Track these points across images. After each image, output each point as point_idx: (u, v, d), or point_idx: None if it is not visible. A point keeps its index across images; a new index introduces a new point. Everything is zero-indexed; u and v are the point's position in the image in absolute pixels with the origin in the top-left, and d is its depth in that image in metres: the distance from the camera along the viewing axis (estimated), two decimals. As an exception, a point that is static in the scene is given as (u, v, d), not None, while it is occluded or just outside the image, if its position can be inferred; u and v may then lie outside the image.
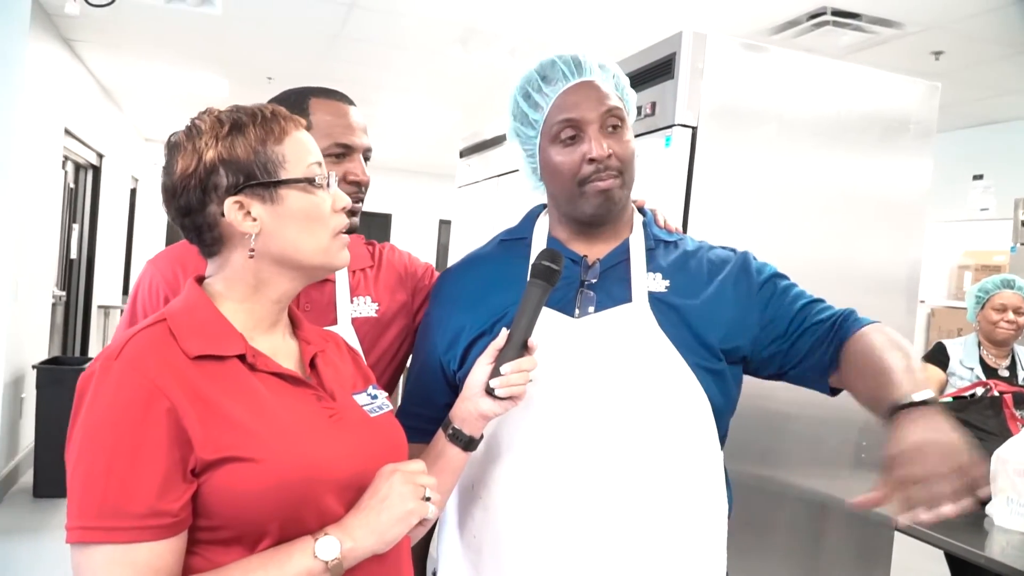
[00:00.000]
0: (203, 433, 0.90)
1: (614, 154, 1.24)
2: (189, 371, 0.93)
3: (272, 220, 1.01)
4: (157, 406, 0.88)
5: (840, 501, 2.05)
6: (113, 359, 0.91)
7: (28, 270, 4.70)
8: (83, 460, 0.87)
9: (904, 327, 2.10)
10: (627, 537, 1.19)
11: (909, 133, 2.11)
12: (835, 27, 3.72)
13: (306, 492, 0.93)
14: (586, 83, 1.26)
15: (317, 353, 1.10)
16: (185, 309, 1.00)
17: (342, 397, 1.07)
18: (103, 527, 0.85)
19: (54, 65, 5.00)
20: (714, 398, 1.25)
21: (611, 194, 1.25)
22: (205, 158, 0.99)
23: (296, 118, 1.06)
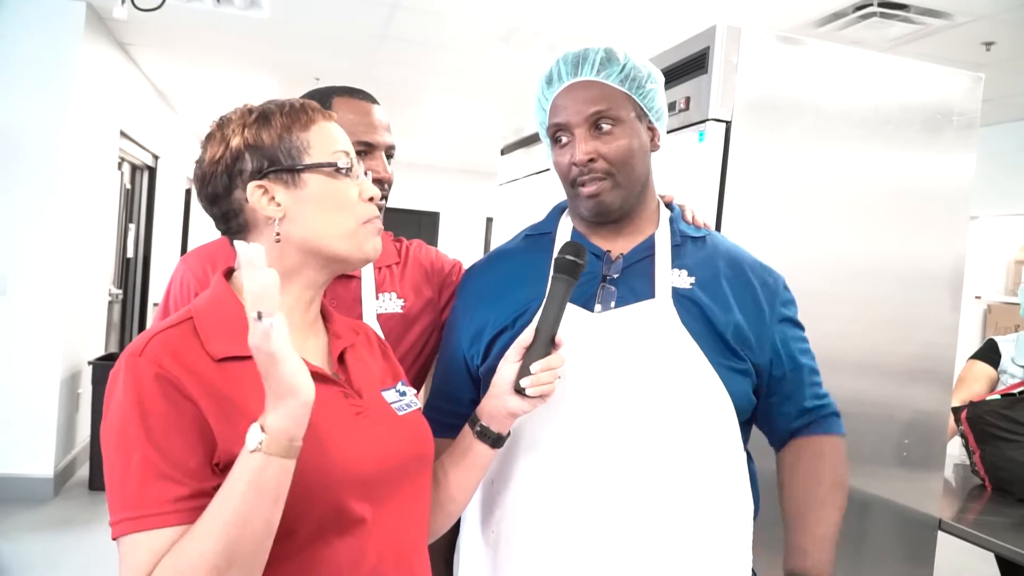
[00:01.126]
0: (225, 430, 0.90)
1: (601, 157, 1.23)
2: (211, 372, 0.93)
3: (295, 205, 1.02)
4: (181, 401, 0.89)
5: (883, 500, 2.02)
6: (137, 356, 0.92)
7: (85, 269, 4.86)
8: (116, 453, 0.89)
9: (948, 324, 2.06)
10: (646, 535, 1.19)
11: (952, 125, 2.06)
12: (882, 19, 3.64)
13: (327, 490, 0.93)
14: (581, 84, 1.25)
15: (347, 348, 1.10)
16: (211, 305, 1.01)
17: (370, 394, 1.07)
18: (134, 516, 0.86)
19: (109, 69, 5.14)
20: (738, 397, 1.24)
21: (601, 198, 1.25)
22: (232, 144, 1.02)
23: (326, 111, 1.07)
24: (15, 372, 4.38)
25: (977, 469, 2.56)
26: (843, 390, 1.95)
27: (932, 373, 2.05)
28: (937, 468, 2.06)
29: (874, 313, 2.00)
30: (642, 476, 1.19)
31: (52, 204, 4.42)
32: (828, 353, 1.93)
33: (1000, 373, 2.83)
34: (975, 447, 2.54)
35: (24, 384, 4.39)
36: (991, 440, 2.48)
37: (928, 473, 2.05)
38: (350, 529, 0.96)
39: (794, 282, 1.85)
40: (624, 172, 1.25)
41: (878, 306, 2.00)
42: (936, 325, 2.06)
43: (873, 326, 2.00)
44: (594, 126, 1.24)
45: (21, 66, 4.35)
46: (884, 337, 2.01)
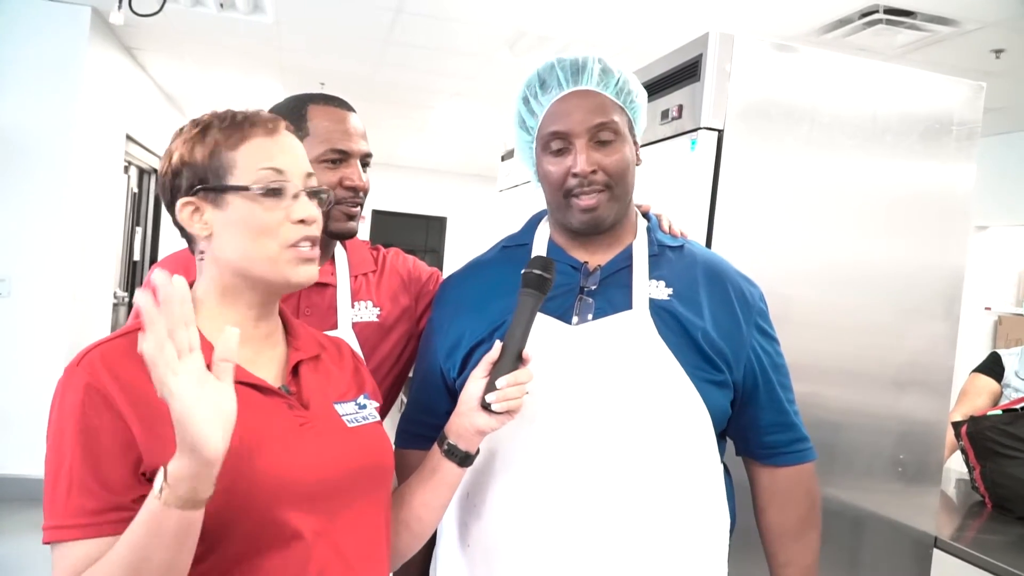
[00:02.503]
0: (148, 439, 0.90)
1: (601, 169, 1.21)
2: (144, 381, 0.89)
3: (220, 226, 1.00)
4: (104, 408, 0.89)
5: (877, 516, 1.98)
6: (75, 366, 0.93)
7: (91, 271, 4.88)
8: (50, 465, 0.90)
9: (946, 335, 2.02)
10: (623, 548, 1.17)
11: (952, 135, 2.02)
12: (888, 26, 3.60)
13: (257, 501, 0.91)
14: (581, 92, 1.23)
15: (303, 360, 1.08)
16: None
17: (319, 406, 1.05)
18: (68, 525, 0.87)
19: (115, 73, 5.16)
20: (715, 409, 1.21)
21: (597, 211, 1.22)
22: (173, 159, 1.02)
23: (271, 122, 1.03)
24: (19, 373, 4.39)
25: (977, 486, 2.52)
26: (838, 402, 1.94)
27: (928, 385, 2.01)
28: (933, 483, 2.02)
29: (869, 324, 1.96)
30: (619, 489, 1.17)
31: (58, 207, 4.44)
32: (822, 364, 1.91)
33: (1003, 387, 2.78)
34: (975, 463, 2.49)
35: (28, 385, 4.40)
36: (992, 456, 2.43)
37: (924, 488, 2.00)
38: (288, 543, 0.94)
39: (787, 291, 1.84)
40: (621, 185, 1.24)
41: (873, 316, 1.96)
42: (933, 336, 2.02)
43: (868, 337, 1.96)
44: (594, 138, 1.22)
45: (28, 70, 4.38)
46: (879, 348, 1.97)
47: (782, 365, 1.34)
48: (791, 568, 1.33)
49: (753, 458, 1.36)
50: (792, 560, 1.33)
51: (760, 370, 1.28)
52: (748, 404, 1.29)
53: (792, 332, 1.83)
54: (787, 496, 1.34)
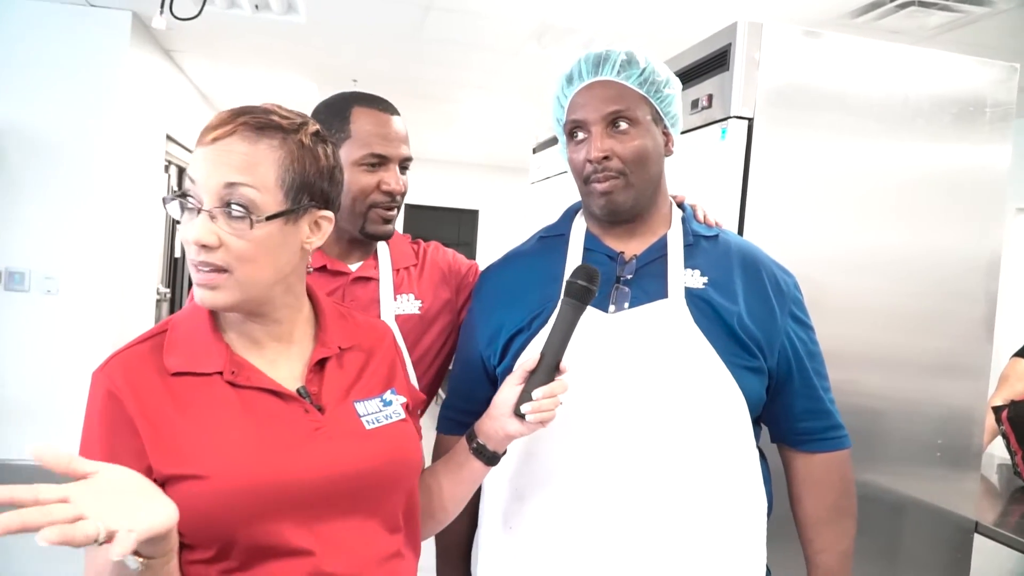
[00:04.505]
0: (155, 450, 0.93)
1: (615, 155, 1.24)
2: (160, 388, 0.96)
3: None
4: (119, 416, 0.94)
5: (916, 501, 1.98)
6: (99, 372, 0.97)
7: (133, 269, 5.01)
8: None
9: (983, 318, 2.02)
10: (664, 530, 1.20)
11: (985, 117, 2.01)
12: (921, 7, 3.56)
13: (261, 505, 0.93)
14: (599, 83, 1.26)
15: (329, 358, 1.08)
16: (186, 319, 1.04)
17: (337, 408, 1.05)
18: None
19: (155, 74, 5.27)
20: (751, 394, 1.24)
21: (613, 197, 1.25)
22: None
23: (218, 127, 0.97)
24: (66, 370, 4.52)
25: (1019, 471, 2.51)
26: (875, 388, 1.95)
27: (966, 369, 2.01)
28: (973, 468, 2.02)
29: (905, 309, 1.97)
30: (658, 473, 1.20)
31: (100, 207, 4.56)
32: (858, 350, 1.92)
33: (1044, 371, 2.76)
34: (1017, 448, 2.48)
35: (74, 381, 4.51)
36: (1032, 439, 2.42)
37: (963, 473, 2.01)
38: (293, 553, 0.95)
39: (821, 278, 1.86)
40: (637, 172, 1.26)
41: (909, 302, 1.97)
42: (971, 320, 2.02)
43: (904, 322, 1.97)
44: (611, 125, 1.25)
45: (71, 74, 4.50)
46: (916, 333, 1.98)
47: (817, 353, 1.36)
48: (826, 554, 1.35)
49: (788, 444, 1.38)
50: (827, 546, 1.35)
51: (794, 357, 1.30)
52: (782, 390, 1.31)
53: (827, 319, 1.83)
54: (822, 483, 1.36)
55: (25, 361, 4.49)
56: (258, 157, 0.96)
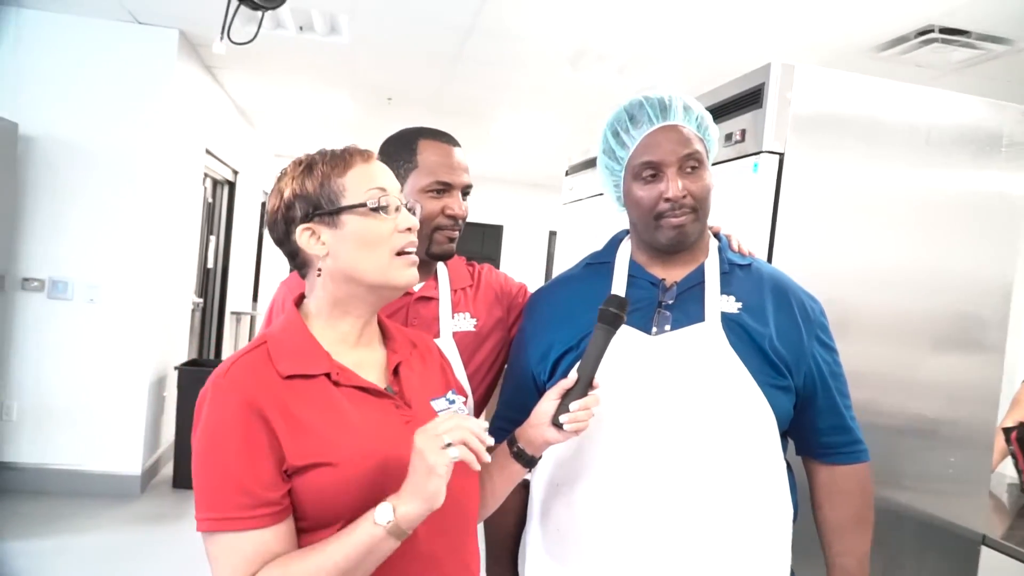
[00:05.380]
0: (291, 443, 1.07)
1: (690, 193, 1.37)
2: (281, 389, 1.09)
3: (336, 243, 1.17)
4: (254, 419, 1.06)
5: (928, 515, 2.10)
6: (222, 378, 1.09)
7: (172, 279, 5.18)
8: (203, 463, 1.07)
9: (996, 344, 2.13)
10: (696, 535, 1.32)
11: (1001, 155, 2.13)
12: (944, 44, 3.68)
13: (378, 488, 1.07)
14: (669, 127, 1.39)
15: (401, 362, 1.25)
16: (282, 331, 1.18)
17: (418, 403, 1.22)
18: (219, 517, 1.04)
19: (197, 90, 5.46)
20: (779, 411, 1.37)
21: (684, 229, 1.38)
22: (285, 195, 1.19)
23: (366, 152, 1.21)
24: (106, 376, 4.69)
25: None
26: (892, 407, 2.06)
27: (979, 391, 2.12)
28: (982, 485, 2.13)
29: (923, 332, 2.09)
30: (693, 482, 1.33)
31: (142, 217, 4.73)
32: (880, 371, 2.04)
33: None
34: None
35: (114, 387, 4.70)
36: (1042, 461, 2.52)
37: (973, 489, 2.12)
38: None
39: (846, 303, 1.98)
40: (704, 207, 1.41)
41: (927, 326, 2.09)
42: (983, 344, 2.13)
43: (922, 345, 2.09)
44: (683, 166, 1.38)
45: (118, 90, 4.68)
46: (933, 355, 2.09)
47: (840, 374, 1.48)
48: (846, 557, 1.47)
49: (812, 457, 1.50)
50: (847, 550, 1.48)
51: (819, 377, 1.43)
52: (808, 407, 1.44)
53: (851, 341, 1.97)
54: (843, 493, 1.48)
55: (68, 368, 4.65)
56: None
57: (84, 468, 4.66)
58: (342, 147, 1.22)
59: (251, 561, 1.04)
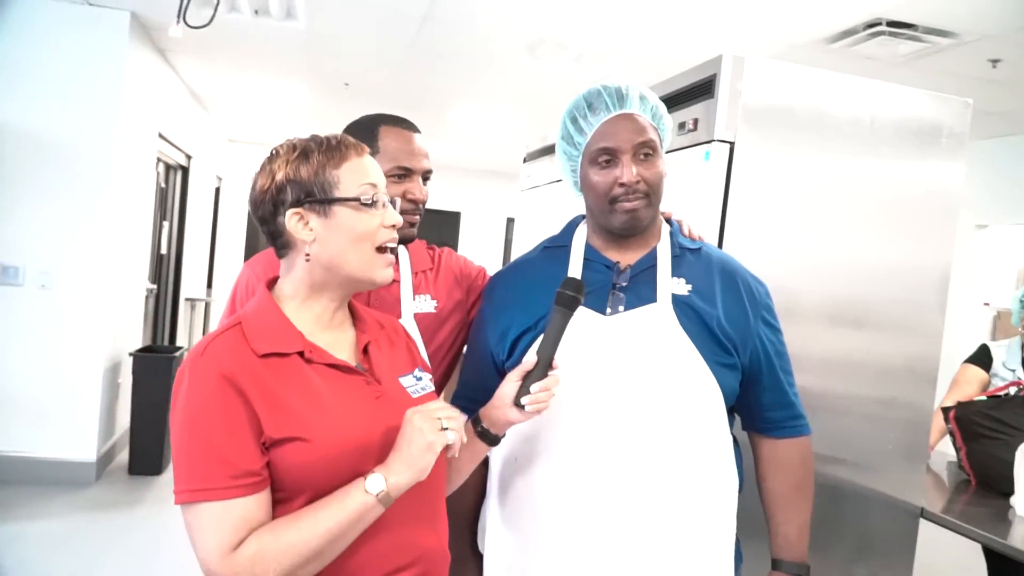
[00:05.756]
0: (268, 417, 1.11)
1: (643, 179, 1.43)
2: (257, 366, 1.13)
3: (324, 231, 1.21)
4: (232, 394, 1.10)
5: (869, 490, 2.19)
6: (199, 355, 1.13)
7: (125, 265, 5.11)
8: (181, 436, 1.10)
9: (935, 328, 2.23)
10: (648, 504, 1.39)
11: (942, 145, 2.23)
12: (891, 37, 3.80)
13: (351, 461, 1.13)
14: (625, 115, 1.45)
15: (370, 341, 1.30)
16: (256, 312, 1.21)
17: (388, 380, 1.27)
18: (200, 488, 1.07)
19: (150, 74, 5.39)
20: (726, 388, 1.44)
21: (637, 213, 1.44)
22: (277, 178, 1.22)
23: (359, 146, 1.25)
24: (60, 363, 4.63)
25: (963, 466, 2.74)
26: (837, 388, 2.15)
27: (918, 373, 2.22)
28: (920, 461, 2.24)
29: (866, 318, 2.17)
30: (644, 453, 1.39)
31: (96, 204, 4.66)
32: (823, 354, 2.13)
33: (991, 376, 2.99)
34: (962, 445, 2.71)
35: (68, 373, 4.65)
36: (977, 439, 2.65)
37: (912, 466, 2.23)
38: None
39: (792, 289, 2.06)
40: (656, 193, 1.47)
41: (870, 311, 2.18)
42: (924, 328, 2.23)
43: (865, 330, 2.18)
44: (637, 153, 1.44)
45: (69, 73, 4.60)
46: (876, 340, 2.19)
47: (784, 353, 1.56)
48: (787, 526, 1.55)
49: (757, 431, 1.58)
50: (788, 519, 1.56)
51: (764, 356, 1.50)
52: (753, 384, 1.51)
53: (797, 326, 2.06)
54: (785, 465, 1.56)
55: (21, 354, 4.59)
56: None
57: (38, 455, 4.60)
58: (338, 137, 1.25)
59: (238, 528, 1.07)
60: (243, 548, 1.07)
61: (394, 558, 1.18)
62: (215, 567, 1.07)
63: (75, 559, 3.65)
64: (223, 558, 1.06)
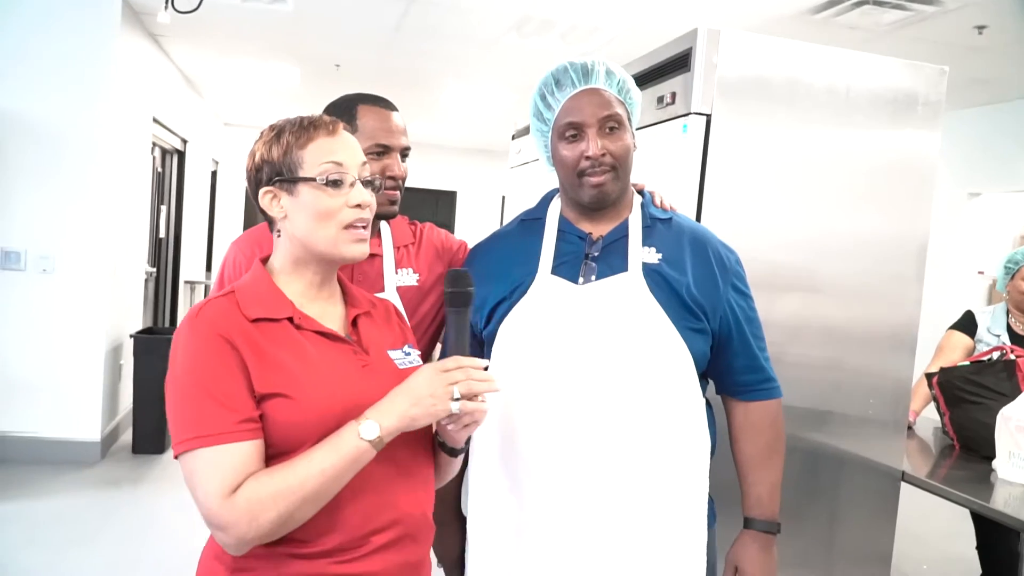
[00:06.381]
0: (258, 371, 1.15)
1: (609, 152, 1.46)
2: (248, 328, 1.18)
3: (293, 210, 1.25)
4: (226, 348, 1.15)
5: (851, 455, 2.24)
6: (194, 317, 1.19)
7: (125, 249, 5.17)
8: (179, 390, 1.14)
9: (914, 295, 2.27)
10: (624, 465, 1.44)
11: (917, 113, 2.25)
12: (875, 6, 3.81)
13: (335, 423, 1.16)
14: (591, 90, 1.49)
15: (360, 315, 1.33)
16: (250, 283, 1.26)
17: (376, 352, 1.30)
18: (201, 435, 1.11)
19: (142, 59, 5.41)
20: (696, 353, 1.48)
21: (604, 187, 1.48)
22: (255, 158, 1.27)
23: (333, 125, 1.27)
24: (62, 345, 4.71)
25: (947, 430, 2.79)
26: (817, 355, 2.19)
27: (897, 340, 2.26)
28: (900, 426, 2.29)
29: (846, 285, 2.21)
30: (619, 417, 1.44)
31: (93, 188, 4.71)
32: (802, 323, 2.17)
33: (976, 342, 3.04)
34: (945, 409, 2.76)
35: (71, 355, 4.72)
36: (960, 403, 2.70)
37: (892, 430, 2.27)
38: None
39: (768, 257, 2.10)
40: (623, 167, 1.50)
41: (850, 279, 2.21)
42: (902, 296, 2.27)
43: (846, 298, 2.21)
44: (603, 127, 1.47)
45: (62, 60, 4.62)
46: (855, 308, 2.22)
47: (754, 319, 1.60)
48: (759, 486, 1.60)
49: (729, 395, 1.63)
50: (760, 480, 1.60)
51: (734, 321, 1.54)
52: (724, 349, 1.55)
53: (775, 296, 2.10)
54: (756, 427, 1.61)
55: (22, 338, 4.66)
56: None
57: (43, 435, 4.68)
58: (311, 117, 1.28)
59: (237, 472, 1.10)
60: (241, 491, 1.09)
61: (375, 517, 1.21)
62: (216, 510, 1.09)
63: (80, 535, 3.72)
64: (223, 501, 1.09)
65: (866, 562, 2.29)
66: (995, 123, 5.91)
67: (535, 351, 1.47)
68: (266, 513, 1.09)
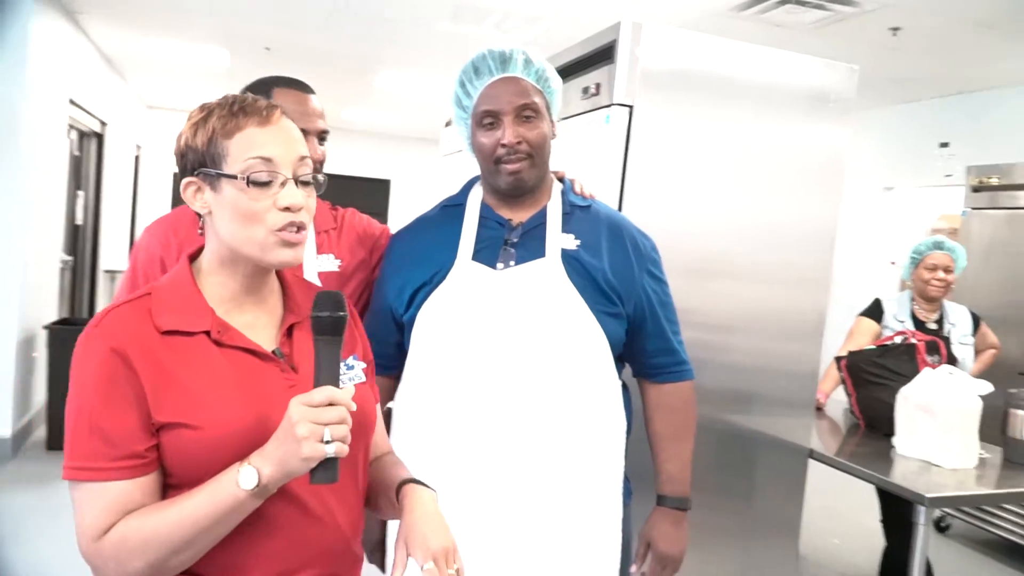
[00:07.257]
0: (158, 397, 1.02)
1: (525, 140, 1.50)
2: (155, 343, 1.04)
3: (216, 207, 1.09)
4: (120, 369, 1.01)
5: (762, 434, 2.34)
6: (93, 328, 1.05)
7: (37, 236, 4.96)
8: (68, 411, 1.03)
9: (822, 282, 2.37)
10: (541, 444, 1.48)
11: (829, 109, 2.35)
12: (797, 5, 3.93)
13: (245, 452, 1.01)
14: (508, 78, 1.51)
15: (297, 323, 1.16)
16: (169, 285, 1.12)
17: (308, 367, 1.08)
18: (78, 467, 1.01)
19: (58, 37, 5.20)
20: (612, 336, 1.53)
21: (521, 175, 1.51)
22: (181, 141, 1.11)
23: (268, 110, 1.09)
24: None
25: (854, 410, 2.92)
26: (730, 340, 2.28)
27: (806, 325, 2.37)
28: (807, 406, 2.40)
29: (761, 273, 2.30)
30: (535, 397, 1.48)
31: (7, 174, 4.51)
32: (716, 308, 2.25)
33: (883, 328, 3.18)
34: (852, 391, 2.90)
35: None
36: (865, 385, 2.84)
37: (800, 410, 2.39)
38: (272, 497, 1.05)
39: (686, 244, 2.17)
40: (540, 154, 1.53)
41: (764, 267, 2.30)
42: (814, 283, 2.37)
43: (760, 284, 2.30)
44: (519, 115, 1.50)
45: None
46: (770, 293, 2.32)
47: (669, 304, 1.66)
48: (671, 463, 1.67)
49: (643, 377, 1.68)
50: (672, 457, 1.67)
51: (648, 306, 1.59)
52: (639, 333, 1.61)
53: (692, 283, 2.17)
54: (669, 407, 1.67)
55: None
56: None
57: (-52, 431, 4.47)
58: (245, 100, 1.10)
59: (111, 511, 1.01)
60: (110, 534, 1.00)
61: (288, 557, 1.09)
62: (83, 550, 1.02)
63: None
64: (91, 542, 1.01)
65: (777, 534, 2.41)
66: (909, 121, 6.17)
67: (454, 335, 1.50)
68: (133, 562, 1.00)
